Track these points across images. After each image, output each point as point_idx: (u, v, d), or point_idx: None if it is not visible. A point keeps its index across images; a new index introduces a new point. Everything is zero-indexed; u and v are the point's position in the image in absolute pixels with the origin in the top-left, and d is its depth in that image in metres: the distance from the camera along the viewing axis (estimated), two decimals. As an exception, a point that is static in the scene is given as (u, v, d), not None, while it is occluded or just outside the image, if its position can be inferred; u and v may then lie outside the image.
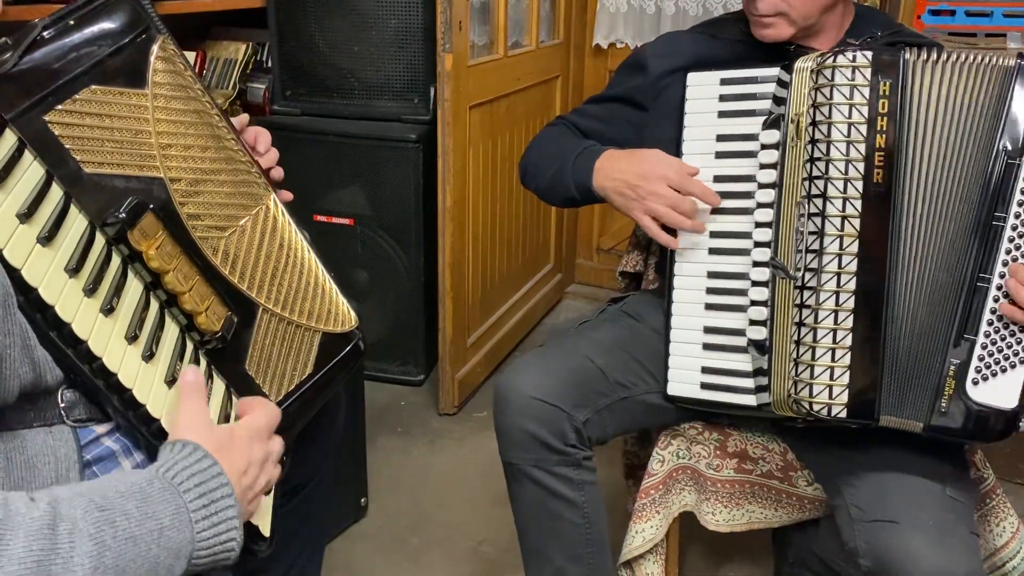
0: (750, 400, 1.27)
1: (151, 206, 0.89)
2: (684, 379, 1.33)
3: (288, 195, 1.18)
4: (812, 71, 1.18)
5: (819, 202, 1.18)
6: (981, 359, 1.14)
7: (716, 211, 1.29)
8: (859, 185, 1.16)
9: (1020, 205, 1.12)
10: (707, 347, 1.31)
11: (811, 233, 1.18)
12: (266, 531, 1.00)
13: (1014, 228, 1.13)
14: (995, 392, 1.14)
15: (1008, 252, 1.13)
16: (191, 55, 2.44)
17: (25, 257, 0.77)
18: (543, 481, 1.30)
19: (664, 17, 2.89)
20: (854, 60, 1.16)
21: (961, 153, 1.15)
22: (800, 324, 1.20)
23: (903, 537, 1.09)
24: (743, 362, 1.27)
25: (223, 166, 1.00)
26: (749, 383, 1.27)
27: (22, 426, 0.82)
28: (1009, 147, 1.12)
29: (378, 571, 1.85)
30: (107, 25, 0.85)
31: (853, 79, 1.16)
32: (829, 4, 1.28)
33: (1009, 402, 1.13)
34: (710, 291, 1.30)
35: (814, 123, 1.18)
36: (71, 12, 0.83)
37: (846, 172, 1.17)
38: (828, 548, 1.28)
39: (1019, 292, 1.11)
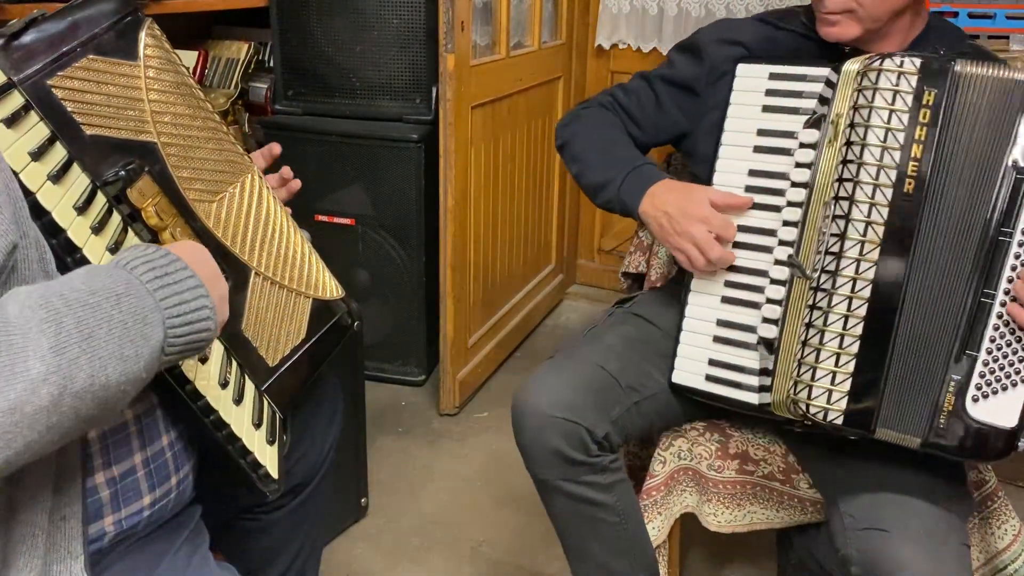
0: (752, 398, 1.27)
1: (147, 168, 0.94)
2: (690, 368, 1.33)
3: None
4: (858, 72, 1.15)
5: (845, 205, 1.16)
6: (982, 376, 1.12)
7: None
8: (888, 193, 1.14)
9: None
10: (717, 340, 1.31)
11: (833, 235, 1.17)
12: (275, 472, 1.03)
13: (1021, 244, 1.10)
14: (995, 410, 1.11)
15: (1014, 269, 1.10)
16: (193, 54, 2.44)
17: (39, 185, 0.82)
18: (574, 492, 1.30)
19: (666, 18, 2.88)
20: (901, 65, 1.13)
21: (973, 166, 1.13)
22: (809, 325, 1.19)
23: (893, 546, 1.09)
24: (750, 359, 1.27)
25: (211, 135, 1.05)
26: (753, 381, 1.26)
27: None
28: (1020, 162, 1.10)
29: (378, 571, 1.84)
30: (100, 8, 0.93)
31: (897, 84, 1.13)
32: (900, 7, 1.25)
33: (1009, 421, 1.11)
34: (728, 284, 1.30)
35: (852, 125, 1.15)
36: (67, 6, 0.92)
37: (876, 178, 1.14)
38: (824, 553, 1.28)
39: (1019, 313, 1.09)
